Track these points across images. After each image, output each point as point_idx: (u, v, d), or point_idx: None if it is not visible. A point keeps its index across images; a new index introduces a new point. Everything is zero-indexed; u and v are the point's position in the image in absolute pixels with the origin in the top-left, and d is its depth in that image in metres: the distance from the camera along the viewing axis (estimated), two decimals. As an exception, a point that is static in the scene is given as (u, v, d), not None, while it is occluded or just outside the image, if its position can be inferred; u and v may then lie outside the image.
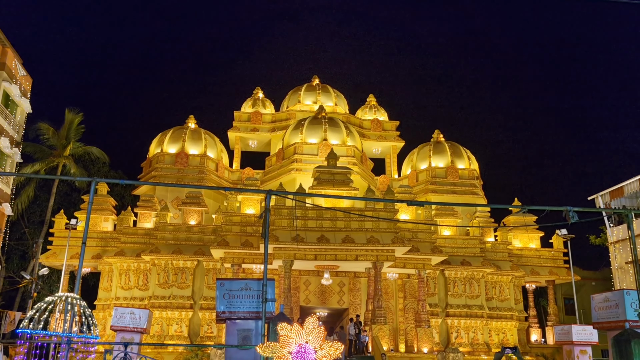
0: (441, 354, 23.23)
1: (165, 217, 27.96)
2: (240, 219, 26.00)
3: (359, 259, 24.01)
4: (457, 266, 28.02)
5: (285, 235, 23.56)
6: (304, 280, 27.34)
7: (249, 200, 26.76)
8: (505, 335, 28.37)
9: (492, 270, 28.39)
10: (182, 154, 31.64)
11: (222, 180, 32.58)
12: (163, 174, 31.06)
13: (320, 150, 30.32)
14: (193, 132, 33.03)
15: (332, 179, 25.73)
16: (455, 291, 28.15)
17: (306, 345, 8.35)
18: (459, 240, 28.72)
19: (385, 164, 36.60)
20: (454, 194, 31.60)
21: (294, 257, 23.66)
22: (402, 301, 27.50)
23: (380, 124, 36.03)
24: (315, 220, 24.22)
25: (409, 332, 26.82)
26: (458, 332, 27.54)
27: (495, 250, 29.59)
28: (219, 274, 26.86)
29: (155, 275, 27.01)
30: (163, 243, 27.21)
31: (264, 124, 35.51)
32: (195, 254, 26.99)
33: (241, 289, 12.75)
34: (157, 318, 26.22)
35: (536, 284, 31.85)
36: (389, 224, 24.31)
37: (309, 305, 27.03)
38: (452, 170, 32.18)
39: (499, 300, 29.00)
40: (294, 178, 29.92)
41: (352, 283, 27.48)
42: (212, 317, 25.96)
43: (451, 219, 28.69)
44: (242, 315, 12.53)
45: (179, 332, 26.28)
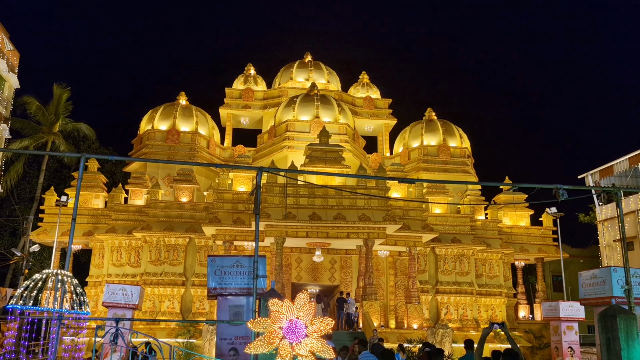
0: (431, 330, 23.55)
1: (156, 194, 27.88)
2: (231, 196, 25.97)
3: (350, 237, 24.12)
4: (448, 244, 28.24)
5: (276, 212, 23.58)
6: (296, 257, 27.47)
7: (240, 178, 26.71)
8: (494, 311, 28.76)
9: (482, 248, 28.65)
10: (173, 131, 31.43)
11: (214, 158, 32.45)
12: (154, 151, 30.88)
13: (312, 128, 30.21)
14: (184, 108, 32.75)
15: (324, 156, 25.69)
16: (445, 268, 28.41)
17: (297, 320, 8.40)
18: (449, 218, 28.89)
19: (378, 142, 36.56)
20: (445, 172, 31.69)
21: (285, 235, 23.73)
22: (393, 278, 27.74)
23: (373, 102, 35.87)
24: (307, 198, 24.24)
25: (399, 309, 27.12)
26: (448, 309, 27.89)
27: (486, 228, 29.82)
28: (211, 251, 26.93)
29: (147, 252, 27.03)
30: (154, 220, 27.17)
31: (255, 101, 35.25)
32: (187, 231, 27.02)
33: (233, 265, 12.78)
34: (149, 295, 26.31)
35: (525, 262, 32.21)
36: (380, 202, 24.38)
37: (300, 282, 27.21)
38: (444, 149, 32.20)
39: (488, 277, 29.33)
40: (286, 155, 29.87)
41: (344, 260, 27.65)
42: (204, 294, 26.10)
43: (442, 197, 28.81)
44: (233, 292, 12.59)
45: (171, 309, 26.42)
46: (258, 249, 11.57)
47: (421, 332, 24.28)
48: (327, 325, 8.44)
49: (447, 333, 22.94)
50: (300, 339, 8.26)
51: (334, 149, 26.01)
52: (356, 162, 29.60)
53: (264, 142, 32.45)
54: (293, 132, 30.53)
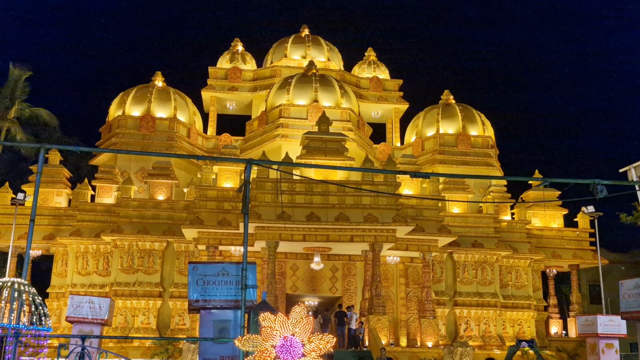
0: (448, 348, 23.62)
1: (128, 191, 27.86)
2: (216, 193, 25.96)
3: (354, 240, 24.13)
4: (468, 248, 28.26)
5: (268, 212, 23.57)
6: (291, 264, 27.49)
7: (226, 172, 26.69)
8: (521, 326, 28.82)
9: (508, 253, 28.69)
10: (147, 117, 31.37)
11: (195, 149, 32.41)
12: (125, 140, 30.82)
13: (310, 114, 30.16)
14: (160, 91, 32.67)
15: (323, 147, 25.64)
16: (465, 277, 28.45)
17: (292, 338, 8.40)
18: (470, 218, 28.90)
19: (386, 129, 36.50)
20: (465, 165, 31.66)
21: (278, 238, 23.71)
22: (404, 288, 27.78)
23: (381, 83, 35.83)
24: (304, 195, 24.21)
25: (411, 324, 27.17)
26: (467, 324, 27.94)
27: (512, 230, 29.85)
28: (192, 257, 26.90)
29: (118, 258, 27.02)
30: (126, 221, 27.16)
31: (244, 82, 35.19)
32: (164, 234, 27.00)
33: (217, 274, 12.78)
34: (120, 308, 26.32)
35: (558, 269, 32.25)
36: (389, 200, 24.37)
37: (296, 293, 27.24)
38: (463, 138, 32.18)
39: (515, 287, 29.38)
40: (279, 146, 29.77)
41: (347, 268, 27.67)
42: (184, 307, 26.10)
43: (462, 194, 28.81)
44: (218, 304, 12.59)
45: (146, 324, 26.42)
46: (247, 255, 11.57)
47: (437, 351, 24.33)
48: (328, 343, 8.44)
49: (467, 352, 22.99)
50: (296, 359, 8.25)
51: (336, 138, 25.94)
52: (361, 154, 29.58)
53: (253, 130, 32.37)
54: (287, 118, 30.44)
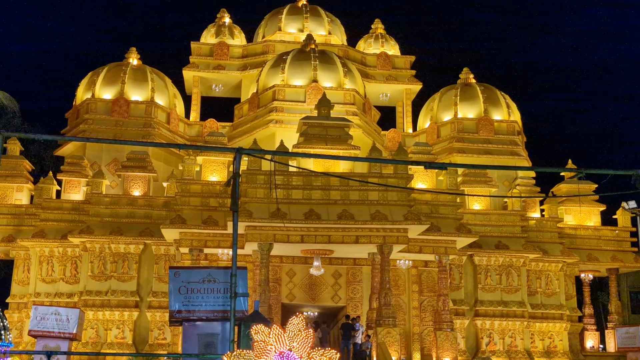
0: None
1: (99, 185, 27.84)
2: (200, 188, 25.94)
3: (360, 241, 24.11)
4: (491, 250, 28.26)
5: (261, 209, 23.56)
6: (287, 269, 27.49)
7: (212, 163, 26.66)
8: (552, 340, 28.85)
9: (537, 256, 28.69)
10: (120, 101, 31.32)
11: (176, 137, 32.37)
12: (95, 127, 30.77)
13: (309, 96, 30.11)
14: (136, 70, 32.61)
15: (324, 134, 25.58)
16: (487, 283, 28.46)
17: (289, 353, 8.41)
18: (493, 216, 28.89)
19: (396, 114, 36.45)
20: (487, 154, 31.63)
21: (273, 239, 23.69)
22: (417, 297, 27.81)
23: (390, 60, 35.75)
24: (302, 190, 24.17)
25: (425, 337, 27.21)
26: (490, 337, 27.96)
27: (542, 229, 29.85)
28: (173, 262, 26.90)
29: (88, 263, 27.01)
30: (97, 221, 27.15)
31: (232, 59, 35.12)
32: (141, 235, 26.99)
33: (203, 280, 12.79)
34: (91, 320, 26.34)
35: (594, 274, 32.26)
36: (400, 195, 24.34)
37: (293, 303, 27.27)
38: (485, 123, 32.14)
39: (545, 295, 29.39)
40: (273, 133, 29.74)
41: (351, 273, 27.68)
42: (165, 319, 26.12)
43: (483, 188, 28.78)
44: (204, 316, 12.60)
45: (121, 339, 26.43)
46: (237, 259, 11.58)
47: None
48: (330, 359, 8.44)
49: (490, 369, 23.04)
50: (294, 378, 8.26)
51: (338, 124, 25.90)
52: (368, 142, 29.53)
53: (243, 115, 32.31)
54: (282, 101, 30.37)
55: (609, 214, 32.44)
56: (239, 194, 15.69)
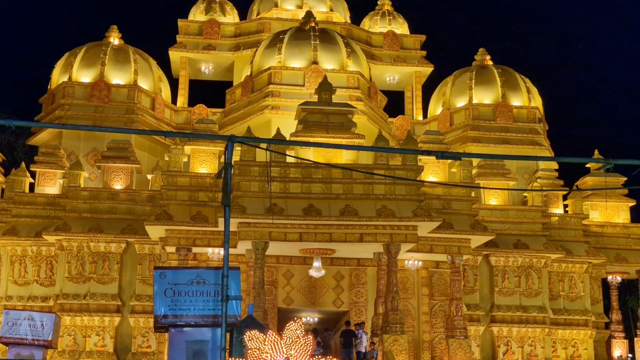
0: (483, 376, 23.69)
1: (76, 178, 27.81)
2: (189, 181, 25.92)
3: (364, 240, 24.12)
4: (509, 250, 28.26)
5: (255, 204, 23.55)
6: (284, 271, 27.49)
7: (201, 153, 26.63)
8: (576, 349, 28.86)
9: (560, 256, 28.69)
10: (100, 84, 31.28)
11: (162, 124, 32.35)
12: (73, 113, 30.75)
13: (308, 79, 30.09)
14: (117, 51, 32.56)
15: (325, 121, 25.55)
16: (505, 286, 28.47)
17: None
18: (511, 212, 28.88)
19: (405, 99, 36.41)
20: (505, 144, 31.62)
21: (268, 237, 23.68)
22: (428, 301, 27.82)
23: (398, 40, 35.68)
24: (301, 183, 24.15)
25: (437, 346, 27.23)
26: (508, 345, 27.99)
27: (565, 226, 29.84)
28: (159, 262, 26.92)
29: (64, 264, 27.02)
30: (75, 217, 27.16)
31: (223, 39, 35.07)
32: (123, 233, 27.00)
33: (191, 282, 12.79)
34: (68, 326, 26.38)
35: (623, 276, 32.23)
36: (409, 189, 24.32)
37: (291, 307, 27.29)
38: (503, 109, 32.11)
39: (568, 299, 29.41)
40: (269, 120, 29.73)
41: (355, 275, 27.68)
42: (149, 324, 26.16)
43: (501, 181, 28.77)
44: (192, 321, 12.61)
45: (101, 347, 26.48)
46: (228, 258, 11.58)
47: (469, 380, 24.44)
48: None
49: (508, 381, 23.09)
50: (292, 389, 8.28)
51: (340, 110, 25.86)
52: (373, 130, 29.50)
53: (236, 100, 32.27)
54: (279, 85, 30.33)
55: (639, 209, 32.44)
56: (231, 187, 15.65)
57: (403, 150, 17.07)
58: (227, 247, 11.40)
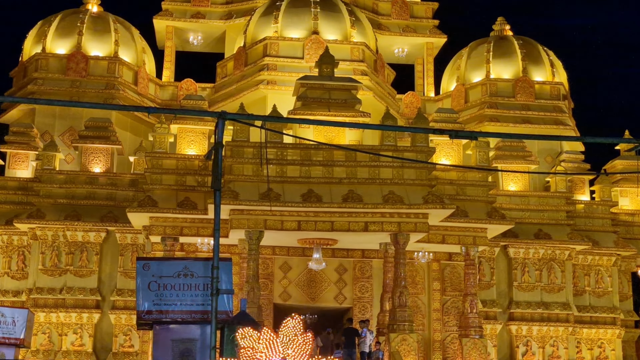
0: (500, 380, 23.73)
1: (51, 160, 27.76)
2: (175, 163, 25.86)
3: (370, 229, 24.09)
4: (529, 241, 28.25)
5: (249, 189, 23.51)
6: (281, 263, 27.49)
7: (189, 133, 26.55)
8: (602, 349, 28.90)
9: (586, 248, 28.68)
10: (77, 56, 31.19)
11: (145, 100, 32.26)
12: (47, 88, 30.69)
13: (308, 51, 30.01)
14: (95, 19, 32.43)
15: (326, 97, 25.46)
16: (524, 280, 28.47)
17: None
18: (532, 198, 28.84)
19: (415, 73, 36.31)
20: (526, 123, 31.58)
21: (263, 226, 23.66)
22: (439, 296, 27.83)
23: (408, 7, 35.51)
24: (300, 166, 24.11)
25: (449, 346, 27.26)
26: (527, 346, 28.03)
27: (591, 215, 29.82)
28: (142, 253, 26.94)
29: (38, 255, 27.02)
30: (50, 203, 27.14)
31: (213, 5, 34.93)
32: (103, 221, 27.04)
33: (178, 274, 12.77)
34: (42, 323, 26.43)
35: (655, 270, 32.27)
36: (419, 172, 24.27)
37: (288, 303, 27.31)
38: (524, 85, 32.03)
39: (594, 295, 29.42)
40: (264, 96, 29.69)
41: (359, 268, 27.68)
42: (132, 321, 26.20)
43: (521, 164, 28.72)
44: (179, 317, 12.60)
45: (79, 346, 26.54)
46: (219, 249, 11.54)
47: (485, 383, 24.51)
48: (333, 371, 8.44)
49: (527, 384, 23.15)
50: (289, 392, 8.26)
51: (344, 86, 25.76)
52: (380, 107, 29.42)
53: (227, 74, 32.19)
54: (276, 57, 30.23)
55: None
56: (223, 170, 15.55)
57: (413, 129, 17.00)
58: (218, 237, 11.35)
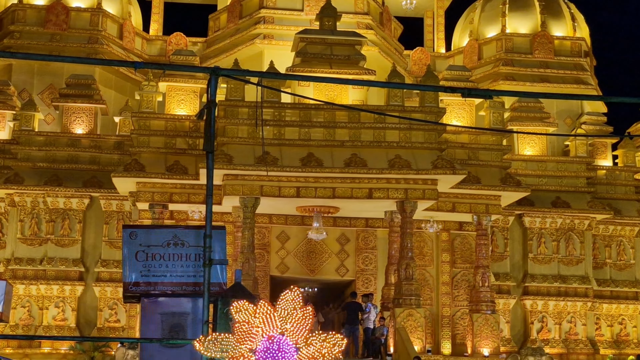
0: (513, 358, 23.85)
1: (30, 120, 27.72)
2: (164, 124, 25.79)
3: (374, 196, 24.10)
4: (546, 209, 28.29)
5: (244, 153, 23.49)
6: (278, 232, 27.54)
7: (179, 91, 26.47)
8: (623, 326, 29.08)
9: (607, 217, 28.72)
10: (57, 7, 31.00)
11: (131, 56, 32.12)
12: (24, 42, 30.56)
13: (308, 2, 30.02)
14: (77, -33, 32.24)
15: (328, 53, 25.37)
16: (540, 252, 28.54)
17: (281, 338, 8.42)
18: (550, 164, 28.84)
19: (424, 28, 36.17)
20: (544, 82, 31.50)
21: (259, 192, 23.67)
22: (449, 269, 27.89)
23: (416, -45, 35.25)
24: (299, 128, 24.08)
25: (458, 322, 27.38)
26: (543, 322, 28.17)
27: (613, 181, 29.84)
28: (129, 221, 26.99)
29: (16, 222, 27.11)
30: (28, 167, 27.13)
31: (205, -47, 34.73)
32: (86, 187, 27.07)
33: (167, 244, 12.74)
34: (22, 296, 26.55)
35: (682, 241, 32.34)
36: (428, 135, 24.23)
37: (285, 275, 27.39)
38: (542, 40, 31.89)
39: (615, 268, 29.52)
40: (260, 52, 29.68)
41: (362, 238, 27.73)
42: (118, 295, 26.27)
43: (538, 126, 28.68)
44: (168, 290, 12.60)
45: (61, 320, 26.62)
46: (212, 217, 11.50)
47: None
48: (335, 346, 8.44)
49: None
50: (288, 370, 8.27)
51: (347, 41, 25.65)
52: (386, 64, 29.30)
53: (221, 27, 32.03)
54: (273, 9, 30.12)
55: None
56: (215, 131, 15.47)
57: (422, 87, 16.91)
58: (210, 203, 11.29)
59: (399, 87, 13.19)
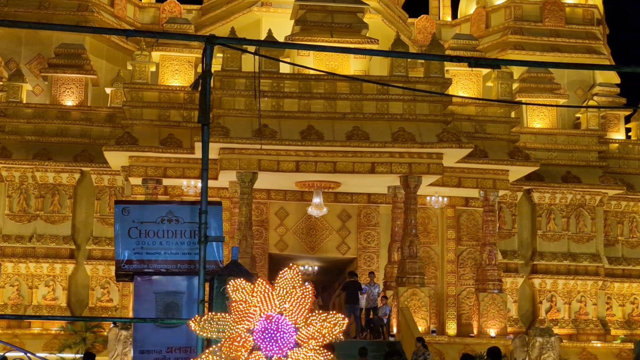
0: (521, 339, 23.92)
1: (17, 91, 27.73)
2: (158, 95, 25.78)
3: (377, 171, 24.13)
4: (556, 185, 28.32)
5: (241, 125, 23.48)
6: (277, 208, 27.59)
7: (173, 61, 26.43)
8: (635, 306, 29.21)
9: (619, 192, 28.76)
10: (45, -27, 30.89)
11: (123, 24, 31.98)
12: (11, 10, 30.34)
13: (308, -32, 29.72)
14: None
15: (329, 21, 25.32)
16: (550, 229, 28.59)
17: (280, 317, 8.43)
18: (560, 137, 28.84)
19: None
20: (555, 51, 31.42)
21: (257, 167, 23.70)
22: (454, 246, 27.96)
23: None
24: (298, 99, 24.07)
25: (464, 301, 27.49)
26: (552, 301, 28.26)
27: (626, 155, 29.89)
28: (121, 196, 27.02)
29: (4, 198, 27.19)
30: (16, 140, 27.17)
31: None
32: (77, 161, 27.14)
33: (161, 220, 12.72)
34: (10, 275, 26.65)
35: (697, 218, 32.38)
36: (433, 107, 24.20)
37: (284, 253, 27.47)
38: (553, 8, 31.77)
39: (628, 245, 29.59)
40: (258, 20, 29.58)
41: (365, 215, 27.78)
42: (110, 273, 26.38)
43: (548, 97, 28.65)
44: (162, 268, 12.60)
45: (52, 300, 26.72)
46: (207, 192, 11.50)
47: (503, 342, 24.70)
48: (336, 327, 8.46)
49: (552, 344, 23.31)
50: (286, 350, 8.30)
51: (348, 8, 25.59)
52: (389, 32, 29.20)
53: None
54: (271, -25, 29.99)
55: None
56: (211, 103, 15.39)
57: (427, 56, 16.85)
58: (206, 177, 11.26)
59: (402, 56, 13.13)
